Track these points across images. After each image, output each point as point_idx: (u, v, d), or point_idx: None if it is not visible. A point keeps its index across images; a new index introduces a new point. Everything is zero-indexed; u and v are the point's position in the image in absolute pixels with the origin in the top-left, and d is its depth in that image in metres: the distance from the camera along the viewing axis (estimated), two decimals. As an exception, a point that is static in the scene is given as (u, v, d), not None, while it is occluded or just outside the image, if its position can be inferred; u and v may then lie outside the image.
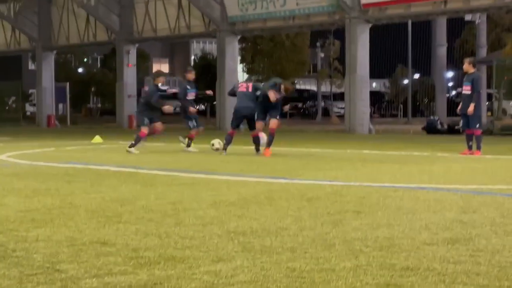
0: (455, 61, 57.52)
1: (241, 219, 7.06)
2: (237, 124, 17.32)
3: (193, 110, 18.40)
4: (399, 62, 60.18)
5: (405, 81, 55.96)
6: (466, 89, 16.43)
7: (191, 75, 18.62)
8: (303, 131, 34.44)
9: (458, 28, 56.90)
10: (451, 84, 70.74)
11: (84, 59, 70.34)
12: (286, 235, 6.19)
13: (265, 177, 11.28)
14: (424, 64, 61.61)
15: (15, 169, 12.97)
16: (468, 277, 4.69)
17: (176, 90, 19.72)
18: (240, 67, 49.63)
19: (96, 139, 23.83)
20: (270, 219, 7.06)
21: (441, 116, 38.69)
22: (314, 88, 65.06)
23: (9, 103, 50.00)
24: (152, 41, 46.94)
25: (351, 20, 31.20)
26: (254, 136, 16.79)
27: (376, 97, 58.33)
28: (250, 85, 16.98)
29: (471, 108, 16.16)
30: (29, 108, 61.47)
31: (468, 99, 16.30)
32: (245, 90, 16.77)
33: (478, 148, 16.36)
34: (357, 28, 31.11)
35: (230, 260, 5.21)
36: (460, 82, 67.03)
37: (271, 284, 4.55)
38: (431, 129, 30.48)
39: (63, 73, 56.73)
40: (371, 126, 31.81)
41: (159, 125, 17.93)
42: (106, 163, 14.30)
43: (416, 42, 52.64)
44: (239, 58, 45.81)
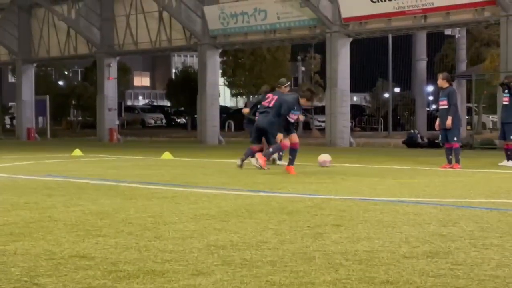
0: (435, 75, 57.89)
1: (221, 232, 7.05)
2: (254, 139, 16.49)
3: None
4: (380, 76, 60.44)
5: (386, 95, 56.20)
6: (443, 104, 16.57)
7: (286, 89, 17.63)
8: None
9: (438, 43, 57.28)
10: (431, 98, 71.15)
11: (65, 72, 70.12)
12: (266, 248, 6.18)
13: (245, 190, 11.27)
14: (404, 78, 61.95)
15: (-6, 182, 12.88)
16: (447, 290, 4.70)
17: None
18: (221, 81, 49.69)
19: (76, 152, 23.73)
20: (250, 232, 7.05)
21: (421, 130, 38.88)
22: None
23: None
24: (133, 54, 46.87)
25: (332, 34, 31.33)
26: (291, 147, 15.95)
27: (357, 111, 58.49)
28: (275, 99, 16.06)
29: (449, 121, 16.28)
30: (8, 121, 61.13)
31: (445, 113, 16.44)
32: (267, 104, 16.10)
33: (457, 162, 16.45)
34: (337, 42, 31.25)
35: (210, 273, 5.19)
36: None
37: (250, 298, 4.54)
38: (411, 143, 30.62)
39: (44, 86, 56.51)
40: (351, 140, 31.91)
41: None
42: (86, 176, 14.24)
43: (397, 57, 52.95)
44: (220, 72, 45.85)
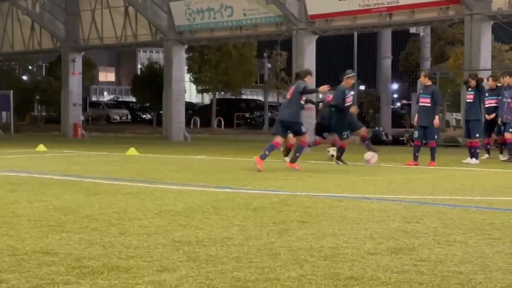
0: (400, 73, 58.26)
1: (186, 228, 7.03)
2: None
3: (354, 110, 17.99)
4: (345, 73, 60.65)
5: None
6: (424, 102, 16.64)
7: (351, 80, 17.36)
8: (249, 141, 34.46)
9: (403, 41, 57.66)
10: (396, 96, 71.56)
11: (29, 66, 69.39)
12: (231, 244, 6.18)
13: (211, 186, 11.26)
14: (369, 75, 62.24)
15: (-44, 178, 12.72)
16: (411, 286, 4.73)
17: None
18: (187, 77, 49.52)
19: (40, 147, 23.52)
20: (215, 228, 7.05)
21: (386, 127, 39.12)
22: (261, 98, 65.25)
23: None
24: (98, 49, 46.52)
25: (298, 31, 31.38)
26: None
27: (322, 108, 58.57)
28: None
29: (436, 121, 16.42)
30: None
31: (425, 111, 16.52)
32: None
33: (433, 159, 16.61)
34: (304, 39, 31.30)
35: (175, 269, 5.18)
36: (404, 94, 67.57)
37: (215, 294, 4.54)
38: (376, 140, 30.75)
39: (7, 80, 55.84)
40: (316, 137, 31.94)
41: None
42: (50, 171, 14.11)
43: (362, 54, 53.14)
44: (186, 68, 45.69)
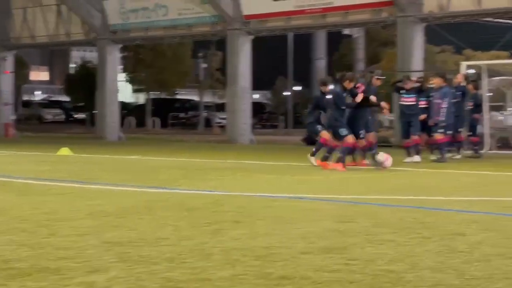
0: (334, 74, 58.78)
1: (118, 229, 6.95)
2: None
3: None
4: (280, 74, 60.96)
5: (286, 92, 56.76)
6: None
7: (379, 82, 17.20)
8: (184, 141, 34.35)
9: (337, 42, 58.18)
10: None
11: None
12: (164, 245, 6.13)
13: (145, 187, 11.17)
14: (304, 76, 62.66)
15: None
16: (342, 286, 4.76)
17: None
18: (121, 76, 49.09)
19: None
20: (148, 229, 6.98)
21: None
22: (196, 98, 65.08)
23: None
24: (30, 48, 45.77)
25: (233, 32, 31.40)
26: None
27: (257, 108, 58.81)
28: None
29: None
30: None
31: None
32: None
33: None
34: (238, 39, 31.34)
35: (105, 270, 5.11)
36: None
37: (147, 295, 4.49)
38: (310, 140, 30.96)
39: None
40: (252, 137, 32.06)
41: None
42: (-21, 172, 13.81)
43: (297, 55, 53.48)
44: (120, 67, 45.29)
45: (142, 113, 55.90)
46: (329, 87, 15.86)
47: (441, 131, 17.70)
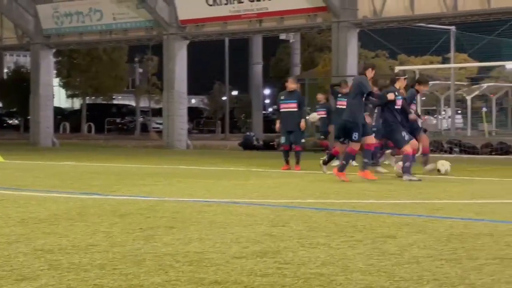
0: (271, 78, 59.01)
1: (50, 236, 6.86)
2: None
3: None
4: (217, 79, 60.97)
5: (223, 97, 56.76)
6: (291, 107, 16.97)
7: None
8: (120, 146, 34.06)
9: (274, 47, 58.42)
10: (267, 101, 72.49)
11: None
12: (96, 251, 6.07)
13: (78, 193, 11.04)
14: (241, 81, 62.78)
15: None
16: (274, 289, 4.78)
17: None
18: (55, 81, 48.42)
19: None
20: (80, 235, 6.91)
21: (257, 132, 39.49)
22: (132, 103, 64.63)
23: None
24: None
25: (169, 36, 31.27)
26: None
27: (194, 113, 58.68)
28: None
29: (303, 123, 16.83)
30: None
31: (292, 116, 16.87)
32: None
33: (298, 163, 16.96)
34: (174, 44, 31.22)
35: (35, 278, 5.03)
36: (276, 99, 68.46)
37: (76, 302, 4.44)
38: (247, 145, 31.05)
39: None
40: (189, 142, 31.96)
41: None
42: None
43: (234, 60, 53.53)
44: (54, 72, 44.68)
45: (78, 118, 55.28)
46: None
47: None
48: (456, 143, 25.01)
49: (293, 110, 16.93)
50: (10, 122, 63.17)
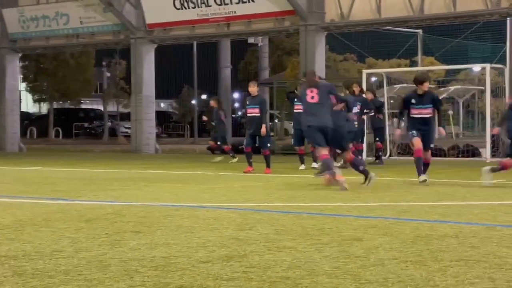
0: (240, 82, 59.08)
1: (14, 242, 6.79)
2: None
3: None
4: (186, 83, 60.85)
5: (192, 101, 56.67)
6: (254, 112, 17.01)
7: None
8: (88, 151, 33.85)
9: (242, 51, 58.49)
10: (237, 105, 72.52)
11: None
12: (60, 257, 6.01)
13: (44, 198, 10.95)
14: (210, 84, 62.72)
15: None
16: (239, 293, 4.77)
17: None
18: (22, 86, 48.05)
19: None
20: (45, 241, 6.84)
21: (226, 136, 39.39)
22: (100, 107, 64.29)
23: None
24: None
25: (136, 40, 31.14)
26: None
27: (163, 117, 58.52)
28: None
29: (263, 129, 16.76)
30: None
31: (255, 120, 16.87)
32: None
33: (268, 167, 16.97)
34: (142, 48, 31.10)
35: (-2, 285, 4.98)
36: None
37: (40, 309, 4.39)
38: (217, 149, 30.95)
39: None
40: (157, 146, 31.83)
41: None
42: None
43: (202, 63, 53.51)
44: (21, 77, 44.31)
45: (45, 123, 54.85)
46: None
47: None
48: (423, 145, 25.14)
49: (256, 115, 17.01)
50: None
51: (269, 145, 17.32)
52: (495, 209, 9.50)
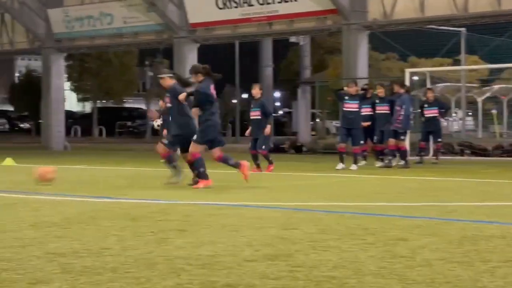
0: (282, 81, 59.00)
1: (62, 239, 6.88)
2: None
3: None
4: (227, 82, 61.00)
5: (234, 100, 56.79)
6: (255, 115, 17.17)
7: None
8: (132, 149, 34.13)
9: (284, 50, 58.41)
10: (278, 104, 72.49)
11: None
12: (108, 255, 6.08)
13: (89, 196, 11.07)
14: (251, 84, 62.73)
15: None
16: (286, 292, 4.79)
17: None
18: (67, 85, 48.58)
19: None
20: (92, 239, 6.93)
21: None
22: (143, 107, 64.75)
23: None
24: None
25: (179, 40, 31.35)
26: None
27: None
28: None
29: (268, 129, 16.93)
30: None
31: (258, 123, 17.13)
32: None
33: (271, 164, 17.17)
34: (185, 47, 31.29)
35: (48, 282, 5.06)
36: (286, 102, 68.18)
37: (89, 306, 4.46)
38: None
39: None
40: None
41: None
42: None
43: (244, 63, 53.55)
44: (65, 76, 44.83)
45: (89, 122, 55.40)
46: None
47: (402, 138, 18.00)
48: (467, 145, 24.96)
49: (257, 118, 17.10)
50: (22, 125, 63.38)
51: (264, 146, 17.17)
52: (542, 210, 9.39)
